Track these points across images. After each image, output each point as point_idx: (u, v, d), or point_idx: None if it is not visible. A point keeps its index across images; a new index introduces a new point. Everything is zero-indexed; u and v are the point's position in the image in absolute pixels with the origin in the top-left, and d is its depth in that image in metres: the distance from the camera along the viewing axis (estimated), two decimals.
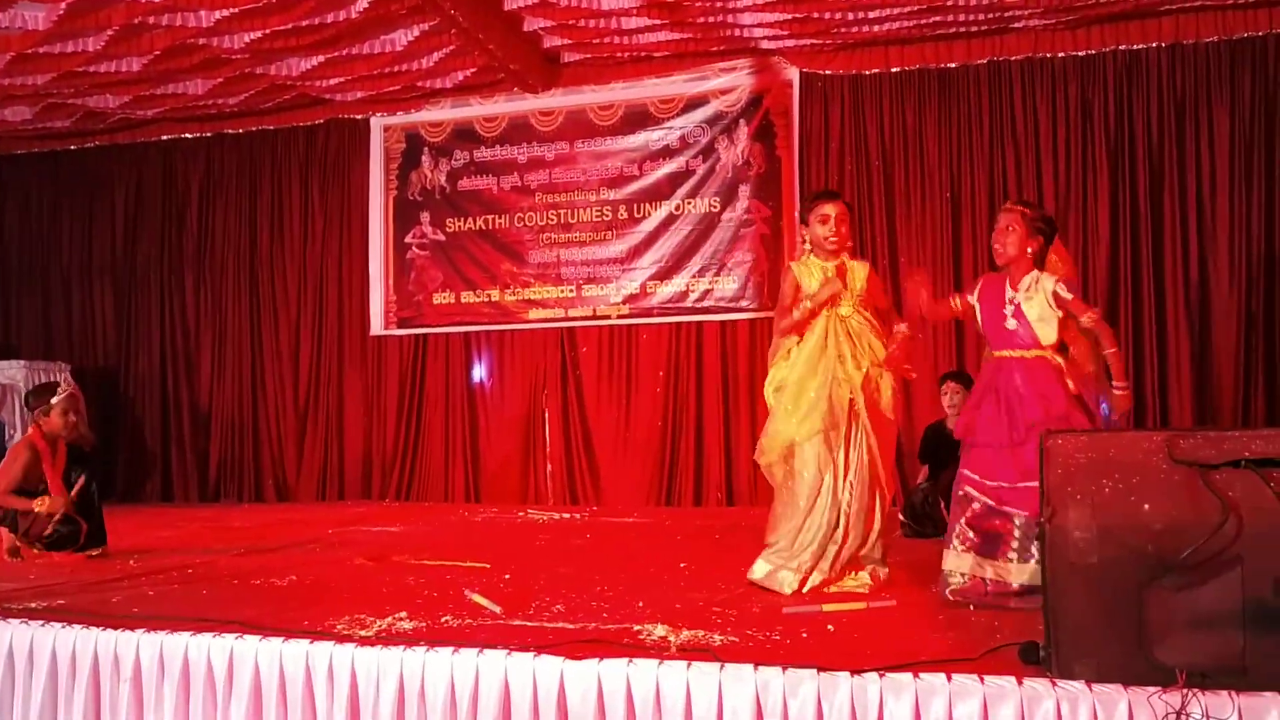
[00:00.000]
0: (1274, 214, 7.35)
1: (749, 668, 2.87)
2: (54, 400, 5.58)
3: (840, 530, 4.21)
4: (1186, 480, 2.70)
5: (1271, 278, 7.27)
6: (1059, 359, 4.02)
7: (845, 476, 4.23)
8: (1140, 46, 7.64)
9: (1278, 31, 7.37)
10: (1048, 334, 4.00)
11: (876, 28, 7.71)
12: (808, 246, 4.50)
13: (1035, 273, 4.05)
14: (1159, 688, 2.58)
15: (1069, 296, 3.98)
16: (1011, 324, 4.06)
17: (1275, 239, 7.33)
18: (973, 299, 4.22)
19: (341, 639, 3.28)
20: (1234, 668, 2.57)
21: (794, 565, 4.19)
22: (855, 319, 4.36)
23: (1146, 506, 2.71)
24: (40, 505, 5.35)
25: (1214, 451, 2.72)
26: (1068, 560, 2.73)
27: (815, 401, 4.27)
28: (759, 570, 4.29)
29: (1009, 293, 4.07)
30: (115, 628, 3.48)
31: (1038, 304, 4.02)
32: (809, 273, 4.42)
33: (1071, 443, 2.86)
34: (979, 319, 4.20)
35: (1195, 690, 2.56)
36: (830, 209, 4.38)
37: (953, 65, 8.02)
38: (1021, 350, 4.04)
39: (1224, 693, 2.57)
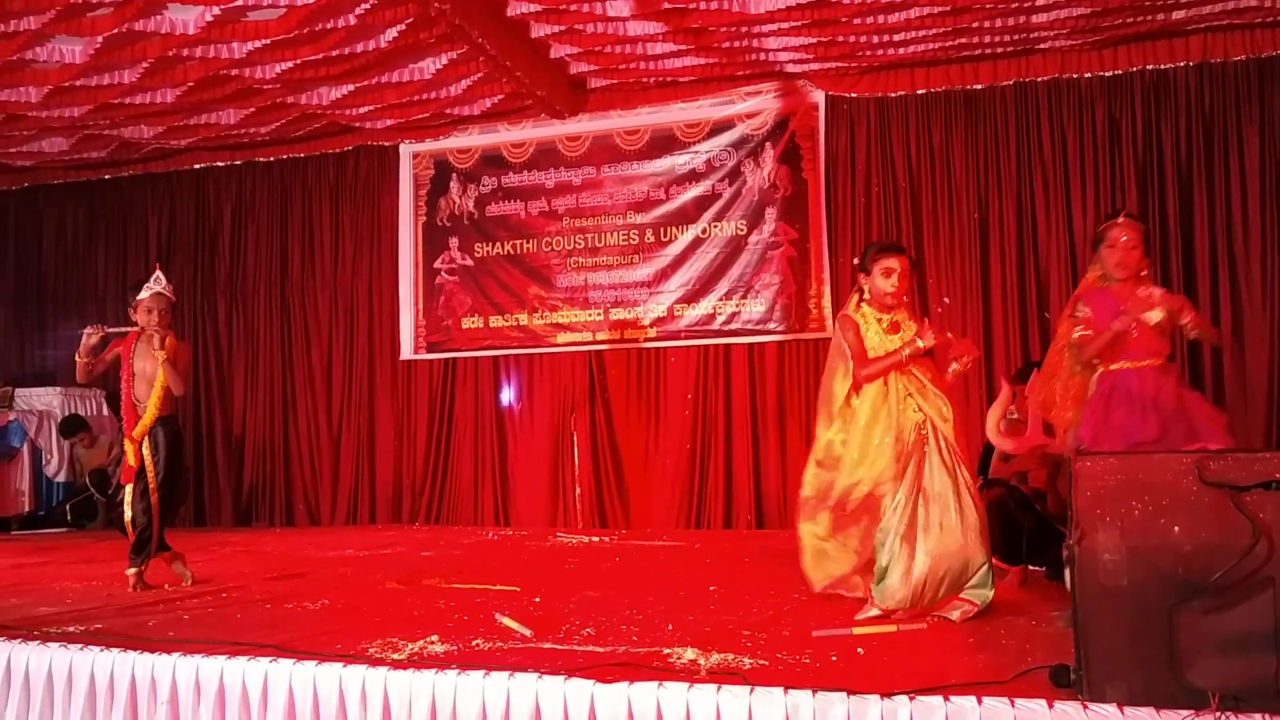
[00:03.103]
0: None
1: (779, 691, 2.88)
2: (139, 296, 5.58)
3: (920, 574, 4.10)
4: (1217, 502, 2.70)
5: None
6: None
7: (923, 513, 4.14)
8: (1168, 66, 7.62)
9: None
10: (1164, 344, 4.15)
11: (901, 50, 7.73)
12: (866, 295, 4.48)
13: (1148, 286, 4.19)
14: (1191, 710, 2.57)
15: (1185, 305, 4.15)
16: (1134, 334, 4.16)
17: None
18: (1085, 310, 4.27)
19: (374, 662, 3.32)
20: (1267, 690, 2.56)
21: (881, 601, 4.13)
22: (916, 364, 4.34)
23: (1176, 529, 2.71)
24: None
25: (1244, 473, 2.71)
26: (1097, 582, 2.73)
27: (880, 447, 4.25)
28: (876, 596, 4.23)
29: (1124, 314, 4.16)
30: (152, 651, 3.54)
31: (1156, 314, 4.12)
32: (867, 325, 4.42)
33: (1101, 465, 2.86)
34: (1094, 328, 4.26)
35: (1228, 713, 2.55)
36: (895, 263, 4.37)
37: (979, 87, 8.02)
38: (1149, 359, 4.14)
39: (1257, 715, 2.55)
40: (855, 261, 4.60)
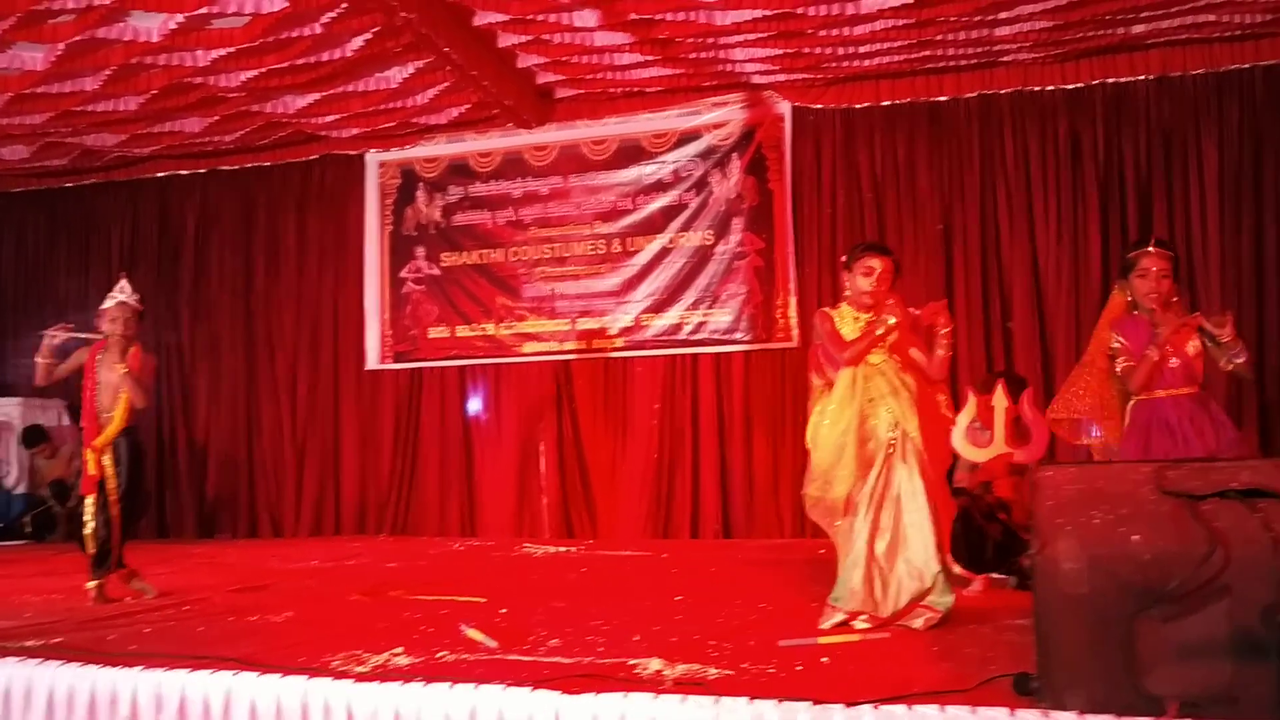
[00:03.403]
0: (1263, 245, 7.41)
1: (744, 701, 2.88)
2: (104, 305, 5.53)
3: (883, 578, 4.11)
4: (1175, 511, 2.73)
5: (1261, 308, 7.32)
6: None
7: (884, 515, 4.15)
8: (1128, 79, 7.73)
9: (1264, 64, 7.46)
10: (1199, 372, 4.20)
11: (867, 62, 7.80)
12: (847, 293, 4.48)
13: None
14: (1150, 718, 2.60)
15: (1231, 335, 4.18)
16: (1174, 363, 4.21)
17: (1264, 270, 7.39)
18: (1122, 342, 4.30)
19: (338, 675, 3.29)
20: (1224, 697, 2.58)
21: (843, 604, 4.14)
22: (886, 366, 4.32)
23: (1135, 537, 2.73)
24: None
25: (1202, 482, 2.75)
26: (1058, 591, 2.76)
27: (844, 450, 4.23)
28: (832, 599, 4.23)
29: (1159, 334, 4.20)
30: (112, 665, 3.49)
31: (1195, 342, 4.20)
32: (843, 321, 4.41)
33: (1062, 474, 2.89)
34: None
35: None
36: (876, 263, 4.34)
37: (943, 99, 8.11)
38: (1185, 387, 4.20)
39: None
40: (842, 259, 4.60)
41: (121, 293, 5.49)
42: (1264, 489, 2.70)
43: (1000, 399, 5.21)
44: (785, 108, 8.45)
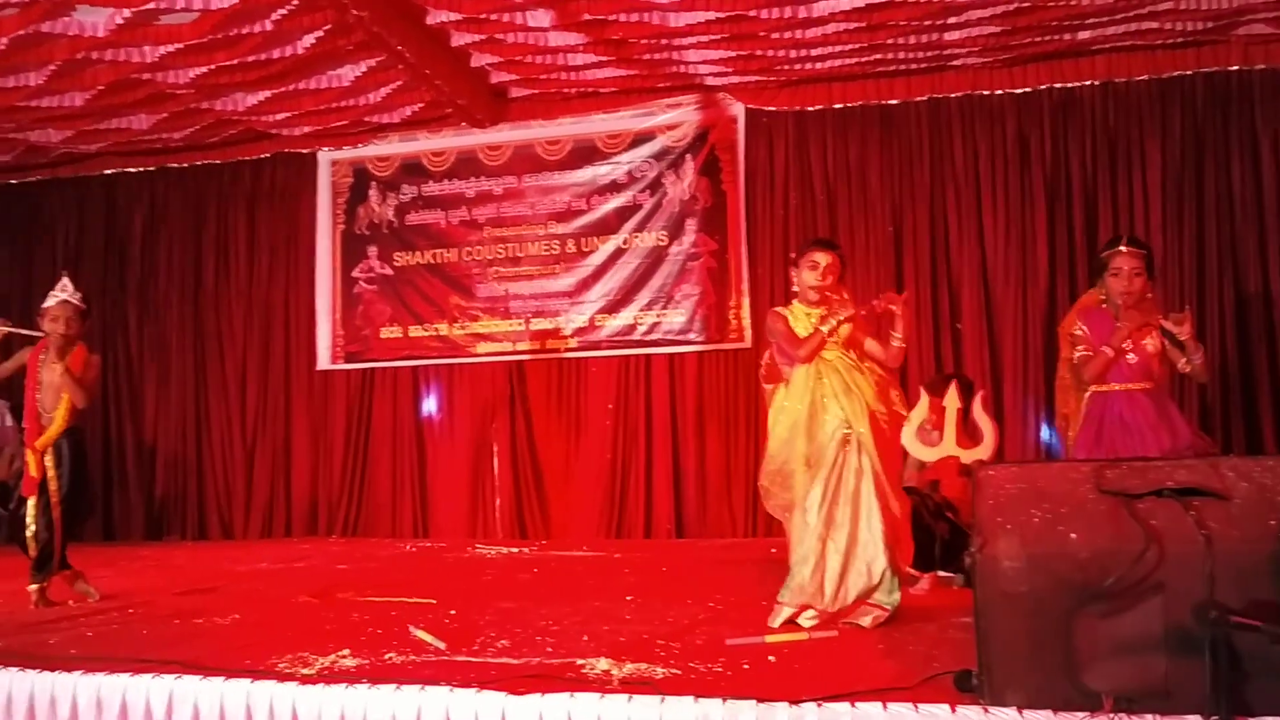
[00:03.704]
0: (1204, 249, 7.54)
1: (689, 700, 2.90)
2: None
3: (831, 573, 4.14)
4: (1112, 510, 2.78)
5: (1202, 310, 7.44)
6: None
7: (838, 511, 4.18)
8: (1075, 84, 7.84)
9: (1205, 71, 7.60)
10: (1158, 369, 4.30)
11: (819, 65, 7.85)
12: (795, 290, 4.50)
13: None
14: (1087, 713, 2.64)
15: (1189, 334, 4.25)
16: (1132, 358, 4.31)
17: (1205, 274, 7.52)
18: (1085, 331, 4.41)
19: (283, 678, 3.27)
20: (1158, 691, 2.64)
21: (790, 600, 4.17)
22: (840, 363, 4.35)
23: (1074, 536, 2.78)
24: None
25: (1139, 481, 2.80)
26: (998, 589, 2.79)
27: (793, 447, 4.27)
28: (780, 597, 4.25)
29: (1118, 330, 4.30)
30: (52, 670, 3.44)
31: (1153, 339, 4.29)
32: (795, 319, 4.42)
33: (1003, 474, 2.94)
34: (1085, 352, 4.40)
35: (1121, 714, 2.63)
36: (821, 257, 4.36)
37: (894, 102, 8.18)
38: (1142, 383, 4.28)
39: (1149, 716, 2.64)
40: (791, 256, 4.63)
41: (63, 291, 5.40)
42: (1198, 488, 2.76)
43: (952, 400, 5.28)
44: (739, 110, 8.49)
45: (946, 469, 5.49)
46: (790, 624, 4.11)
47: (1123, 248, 4.40)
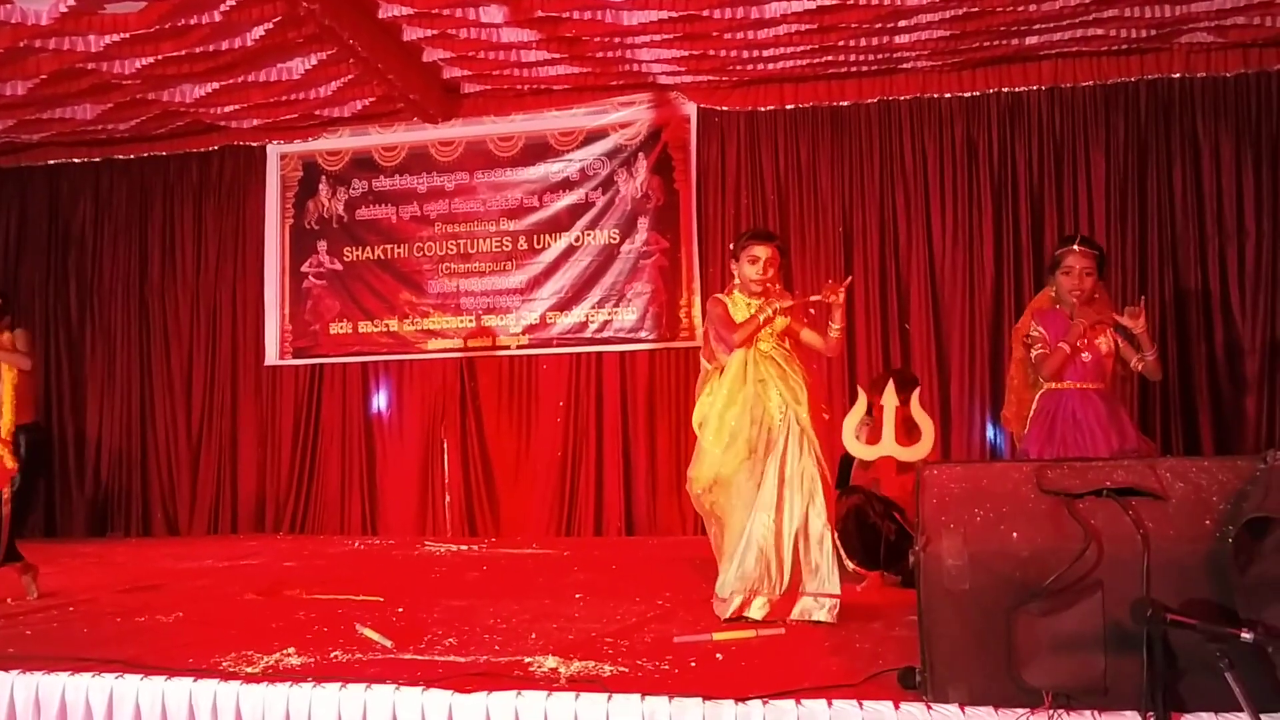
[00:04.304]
0: (1147, 253, 7.68)
1: (636, 698, 2.91)
2: None
3: (779, 556, 4.18)
4: (1053, 509, 2.83)
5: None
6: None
7: (779, 501, 4.21)
8: (1022, 89, 7.96)
9: (1149, 78, 7.73)
10: (1111, 369, 4.38)
11: (771, 66, 7.89)
12: (736, 282, 4.54)
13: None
14: (1027, 709, 2.69)
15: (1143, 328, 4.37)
16: (1086, 357, 4.39)
17: (1147, 275, 7.66)
18: (1041, 331, 4.47)
19: (226, 676, 3.24)
20: (1096, 688, 2.68)
21: (736, 592, 4.19)
22: (775, 353, 4.40)
23: (1015, 535, 2.82)
24: None
25: (1079, 481, 2.85)
26: (941, 587, 2.83)
27: (736, 431, 4.28)
28: (722, 590, 4.27)
29: (1074, 326, 4.38)
30: None
31: (1107, 339, 4.36)
32: (735, 307, 4.45)
33: (946, 473, 2.98)
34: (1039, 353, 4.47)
35: (1060, 711, 2.67)
36: (761, 251, 4.41)
37: (845, 103, 8.24)
38: (1094, 383, 4.36)
39: (1087, 712, 2.69)
40: (730, 246, 4.66)
41: None
42: (1136, 488, 2.82)
43: (890, 398, 5.30)
44: (691, 109, 8.51)
45: (885, 468, 5.52)
46: (740, 613, 4.14)
47: (1075, 247, 4.48)
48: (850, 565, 4.90)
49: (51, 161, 9.64)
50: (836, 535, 4.31)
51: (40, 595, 5.24)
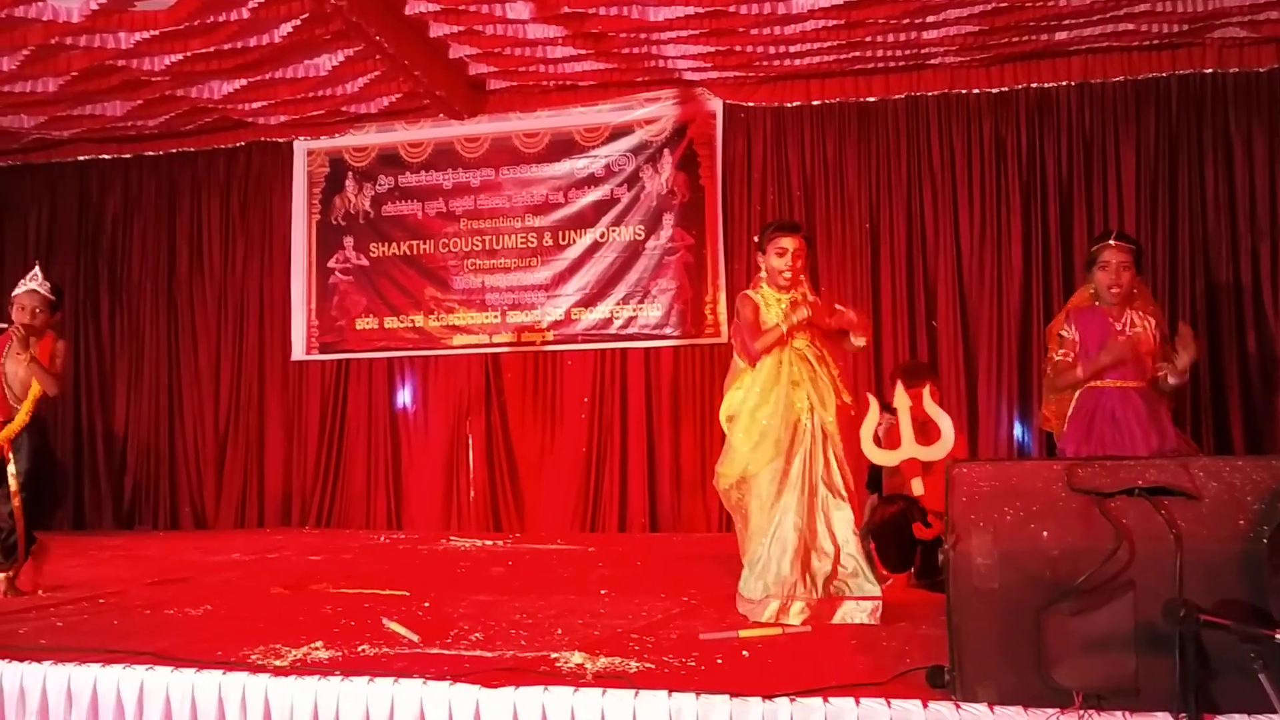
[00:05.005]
0: (1177, 250, 7.61)
1: (663, 694, 2.90)
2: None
3: (809, 560, 4.16)
4: (1083, 508, 2.80)
5: (1174, 311, 7.50)
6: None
7: (809, 505, 4.19)
8: (1051, 85, 7.89)
9: (1180, 73, 7.66)
10: (1150, 367, 4.28)
11: (798, 61, 7.86)
12: (762, 275, 4.51)
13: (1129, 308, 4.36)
14: (1057, 709, 2.67)
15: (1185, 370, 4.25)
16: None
17: (1178, 274, 7.59)
18: (1072, 332, 4.41)
19: (255, 669, 3.26)
20: (1127, 689, 2.66)
21: (772, 596, 4.16)
22: (809, 350, 4.38)
23: (1045, 533, 2.80)
24: None
25: (1110, 480, 2.82)
26: (970, 585, 2.81)
27: (766, 430, 4.27)
28: (748, 591, 4.25)
29: (1114, 325, 4.32)
30: (21, 660, 3.41)
31: (1146, 337, 4.28)
32: (764, 303, 4.44)
33: (976, 471, 2.95)
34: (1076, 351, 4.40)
35: (1091, 711, 2.65)
36: (788, 243, 4.37)
37: (872, 99, 8.20)
38: (1135, 381, 4.28)
39: (1118, 713, 2.66)
40: (754, 239, 4.63)
41: (33, 280, 5.35)
42: (1168, 487, 2.79)
43: (901, 400, 5.10)
44: (717, 105, 8.49)
45: (912, 472, 5.38)
46: (777, 619, 4.10)
47: (1111, 241, 4.41)
48: (883, 572, 4.86)
49: (82, 158, 9.73)
50: (873, 543, 4.29)
51: (70, 587, 5.28)
